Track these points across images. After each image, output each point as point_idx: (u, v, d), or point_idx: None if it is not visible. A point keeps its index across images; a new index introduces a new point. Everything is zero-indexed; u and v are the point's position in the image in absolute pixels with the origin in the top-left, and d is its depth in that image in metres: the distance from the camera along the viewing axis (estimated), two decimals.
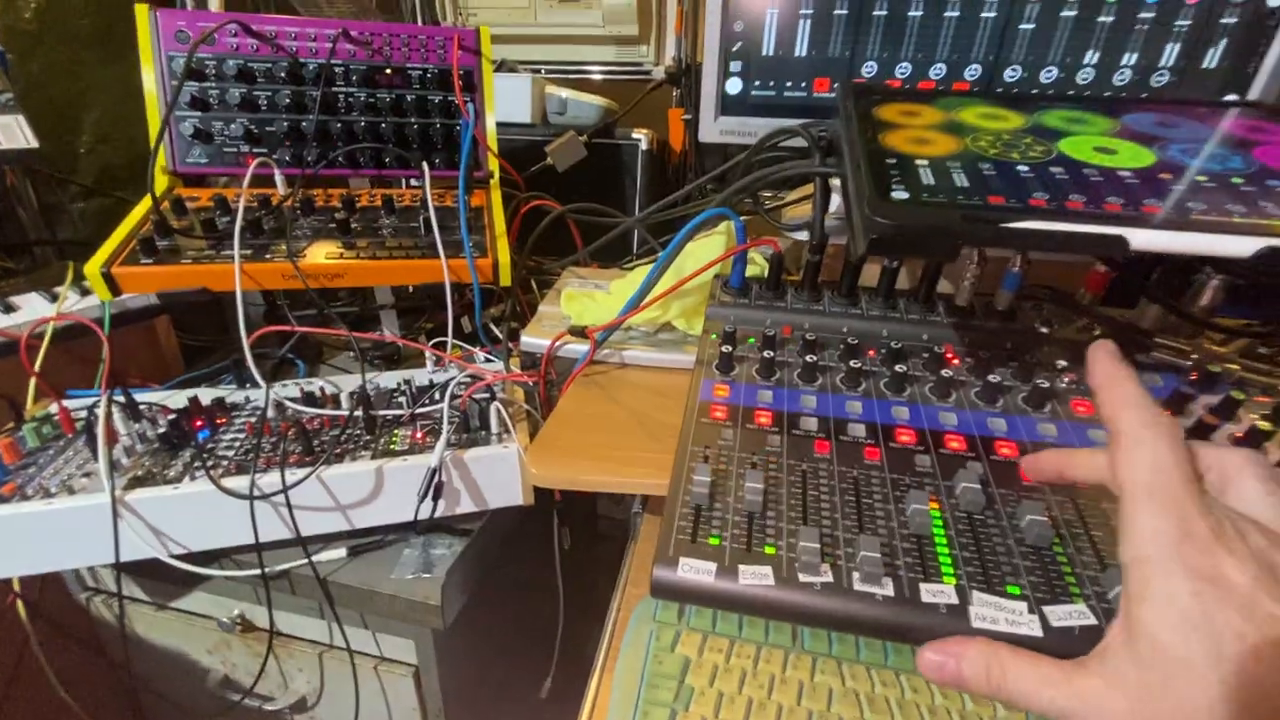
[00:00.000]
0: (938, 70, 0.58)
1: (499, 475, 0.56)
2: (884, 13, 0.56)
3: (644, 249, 0.87)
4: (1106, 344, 0.29)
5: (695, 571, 0.31)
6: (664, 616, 0.41)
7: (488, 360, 0.67)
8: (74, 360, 0.67)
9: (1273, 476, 0.25)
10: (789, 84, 0.61)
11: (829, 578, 0.30)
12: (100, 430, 0.50)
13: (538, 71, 1.10)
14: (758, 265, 0.58)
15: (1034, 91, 0.56)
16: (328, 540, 0.55)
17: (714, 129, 0.63)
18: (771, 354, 0.43)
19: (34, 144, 0.64)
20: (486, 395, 0.58)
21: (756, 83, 0.61)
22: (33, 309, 0.65)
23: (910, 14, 0.56)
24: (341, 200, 0.66)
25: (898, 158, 0.36)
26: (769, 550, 0.32)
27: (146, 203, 0.62)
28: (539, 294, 0.84)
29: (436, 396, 0.60)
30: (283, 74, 0.67)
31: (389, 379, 0.65)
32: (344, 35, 0.67)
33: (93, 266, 0.53)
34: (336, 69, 0.68)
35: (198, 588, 0.61)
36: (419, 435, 0.57)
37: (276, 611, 0.60)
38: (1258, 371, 0.42)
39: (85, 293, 0.69)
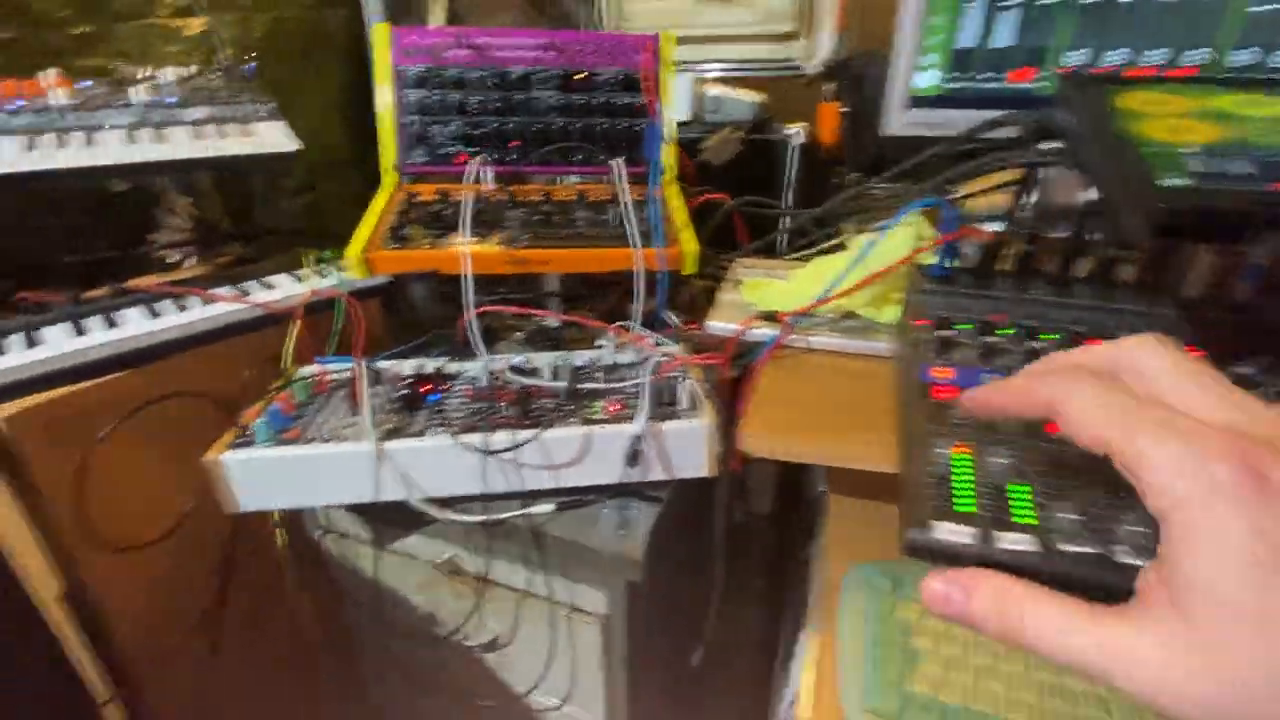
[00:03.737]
0: (1155, 57, 0.56)
1: (688, 447, 0.60)
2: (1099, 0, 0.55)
3: (801, 241, 0.89)
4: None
5: (952, 534, 0.33)
6: (877, 583, 0.44)
7: (660, 343, 0.72)
8: (307, 329, 0.79)
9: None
10: (984, 75, 0.61)
11: (1090, 548, 0.32)
12: (363, 389, 0.59)
13: (691, 71, 1.14)
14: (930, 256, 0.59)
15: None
16: (538, 496, 0.62)
17: (900, 121, 0.64)
18: (990, 340, 0.44)
19: (298, 146, 0.76)
20: (677, 374, 0.62)
21: (950, 74, 0.61)
22: (285, 287, 0.77)
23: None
24: (543, 195, 0.73)
25: (1157, 145, 0.36)
26: (1026, 520, 0.34)
27: (383, 197, 0.72)
28: (693, 284, 0.88)
29: (629, 373, 0.66)
30: (492, 81, 0.75)
31: (579, 358, 0.71)
32: (547, 45, 0.74)
33: (354, 251, 0.63)
34: (536, 75, 0.75)
35: (415, 532, 0.70)
36: (613, 407, 0.62)
37: (482, 557, 0.68)
38: None
39: (321, 275, 0.81)
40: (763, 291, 0.63)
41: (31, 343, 0.64)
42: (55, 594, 0.69)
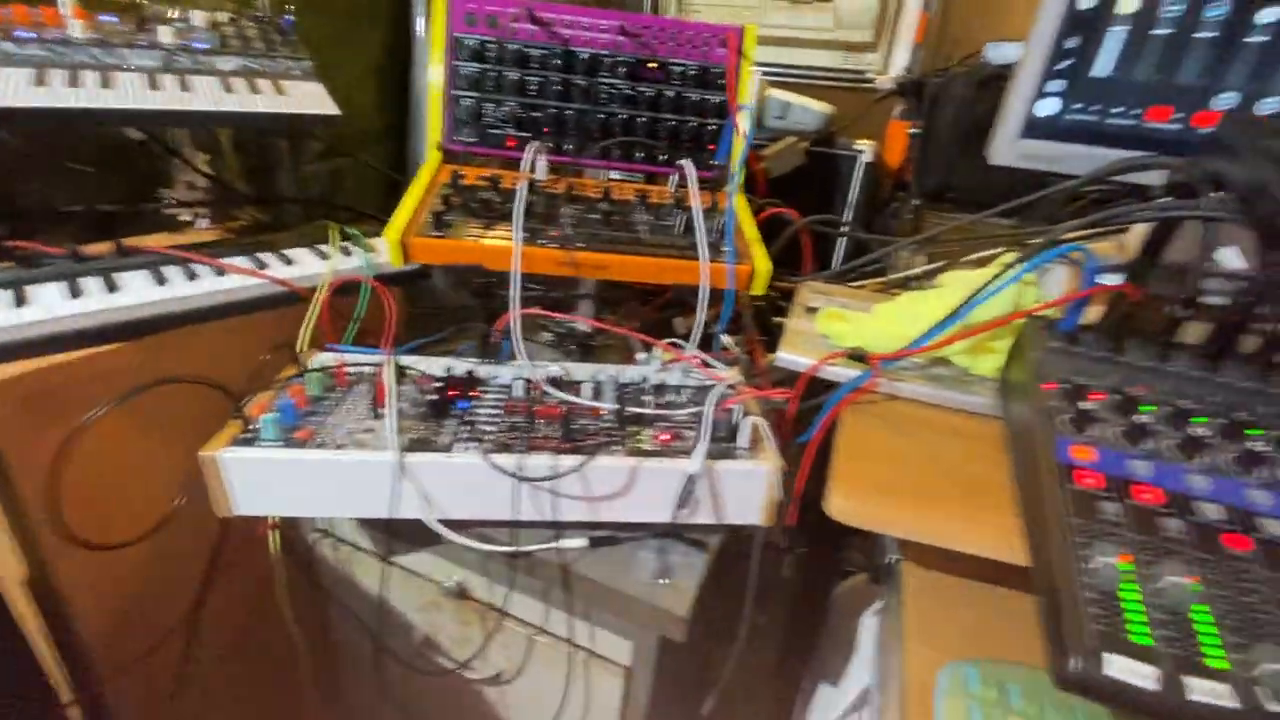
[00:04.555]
0: None
1: (745, 492, 0.54)
2: (1264, 39, 0.49)
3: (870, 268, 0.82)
4: None
5: (1129, 674, 0.27)
6: (984, 693, 0.37)
7: (707, 364, 0.66)
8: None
9: None
10: (1117, 109, 0.54)
11: None
12: (390, 391, 0.53)
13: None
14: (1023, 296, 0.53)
15: None
16: (569, 528, 0.55)
17: (1011, 150, 0.58)
18: (1137, 419, 0.38)
19: (336, 111, 0.69)
20: (736, 407, 0.56)
21: (1077, 105, 0.55)
22: (306, 264, 0.70)
23: None
24: (601, 192, 0.66)
25: None
26: (1218, 664, 0.27)
27: (426, 176, 0.65)
28: (742, 303, 0.81)
29: (678, 399, 0.60)
30: (555, 61, 0.68)
31: (623, 374, 0.64)
32: (621, 28, 0.67)
33: (393, 234, 0.56)
34: (604, 59, 0.69)
35: (423, 549, 0.64)
36: (663, 437, 0.56)
37: (497, 586, 0.62)
38: None
39: (347, 252, 0.74)
40: (842, 325, 0.56)
41: (20, 301, 0.57)
42: (18, 579, 0.62)
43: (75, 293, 0.59)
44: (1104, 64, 0.53)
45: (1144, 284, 0.46)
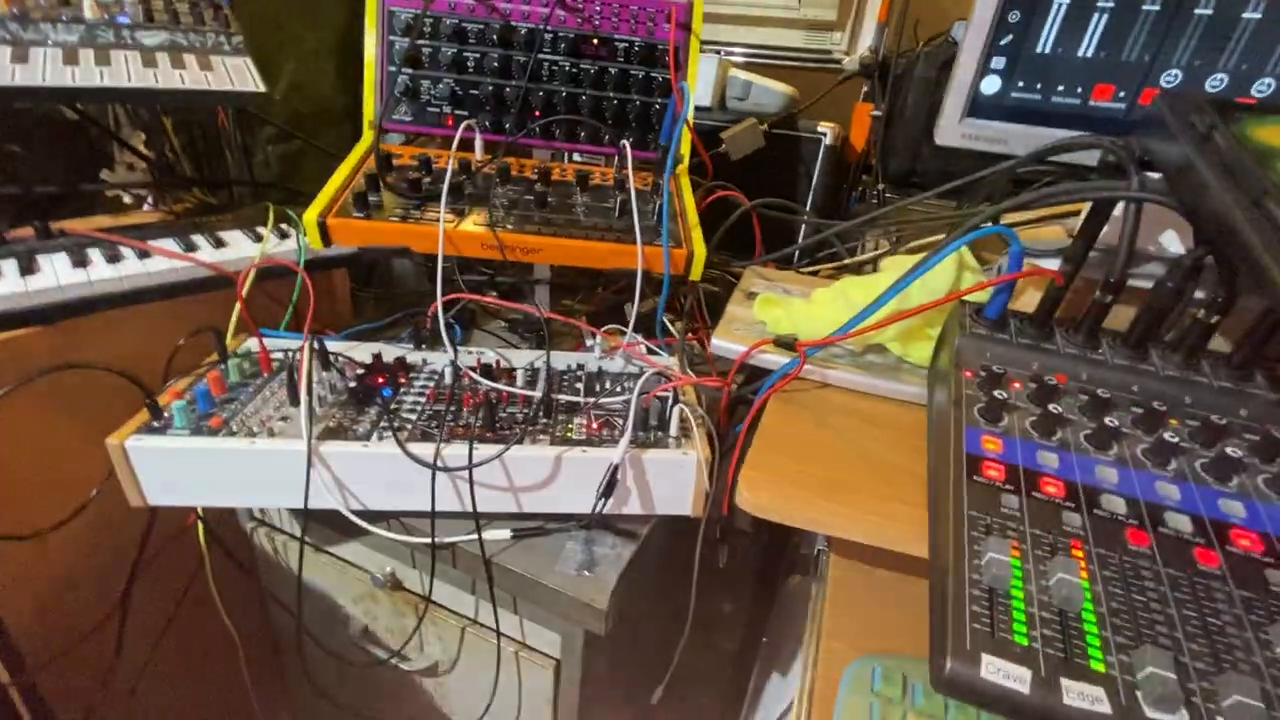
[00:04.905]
0: (1265, 85, 0.47)
1: (673, 482, 0.52)
2: (1209, 12, 0.47)
3: (820, 254, 0.80)
4: None
5: (1004, 676, 0.26)
6: (886, 690, 0.36)
7: (651, 351, 0.64)
8: (263, 298, 0.70)
9: None
10: (1061, 88, 0.52)
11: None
12: (304, 377, 0.51)
13: (717, 52, 1.04)
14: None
15: None
16: (493, 519, 0.54)
17: (955, 131, 0.56)
18: (1053, 408, 0.37)
19: (262, 88, 0.67)
20: (669, 395, 0.54)
21: (1020, 83, 0.53)
22: (239, 247, 0.68)
23: (1246, 15, 0.46)
24: (537, 172, 0.64)
25: None
26: (1097, 666, 0.26)
27: (357, 154, 0.63)
28: (694, 286, 0.79)
29: (612, 387, 0.58)
30: (494, 36, 0.66)
31: (559, 361, 0.63)
32: (561, 2, 0.65)
33: (310, 215, 0.54)
34: (545, 35, 0.66)
35: (356, 539, 0.62)
36: (594, 425, 0.54)
37: (427, 577, 0.60)
38: None
39: (284, 235, 0.72)
40: (778, 311, 0.55)
41: None
42: None
43: None
44: (1047, 40, 0.51)
45: (1076, 268, 0.44)
